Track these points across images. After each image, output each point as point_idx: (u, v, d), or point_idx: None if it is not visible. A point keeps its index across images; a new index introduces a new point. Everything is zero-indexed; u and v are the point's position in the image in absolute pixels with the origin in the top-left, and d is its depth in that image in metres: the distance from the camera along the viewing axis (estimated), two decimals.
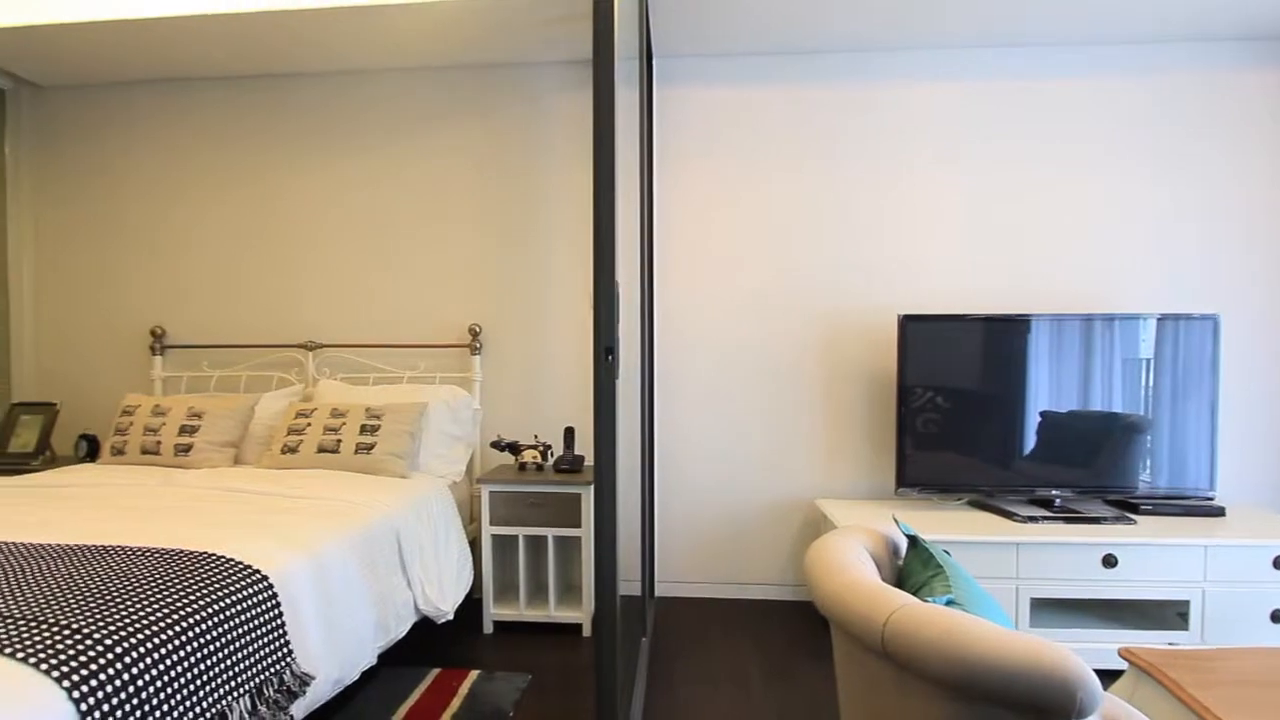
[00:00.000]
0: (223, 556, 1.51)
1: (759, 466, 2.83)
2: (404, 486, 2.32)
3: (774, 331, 2.82)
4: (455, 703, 1.98)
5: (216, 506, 1.98)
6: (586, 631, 2.48)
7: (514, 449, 2.58)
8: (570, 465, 2.53)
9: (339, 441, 2.45)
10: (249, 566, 1.51)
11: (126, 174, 3.11)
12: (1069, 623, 2.24)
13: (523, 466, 2.57)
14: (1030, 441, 2.47)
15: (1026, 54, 2.71)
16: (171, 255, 3.09)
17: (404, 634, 2.04)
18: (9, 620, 1.14)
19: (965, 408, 2.48)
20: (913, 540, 1.27)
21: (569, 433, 2.62)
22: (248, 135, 3.03)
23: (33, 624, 1.13)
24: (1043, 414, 2.46)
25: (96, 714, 1.05)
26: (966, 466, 2.48)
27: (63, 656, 1.07)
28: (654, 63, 2.82)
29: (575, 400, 2.87)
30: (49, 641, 1.09)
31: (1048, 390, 2.45)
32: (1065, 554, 2.17)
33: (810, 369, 2.81)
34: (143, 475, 2.37)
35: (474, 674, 2.15)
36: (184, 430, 2.58)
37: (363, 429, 2.47)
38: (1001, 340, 2.47)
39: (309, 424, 2.51)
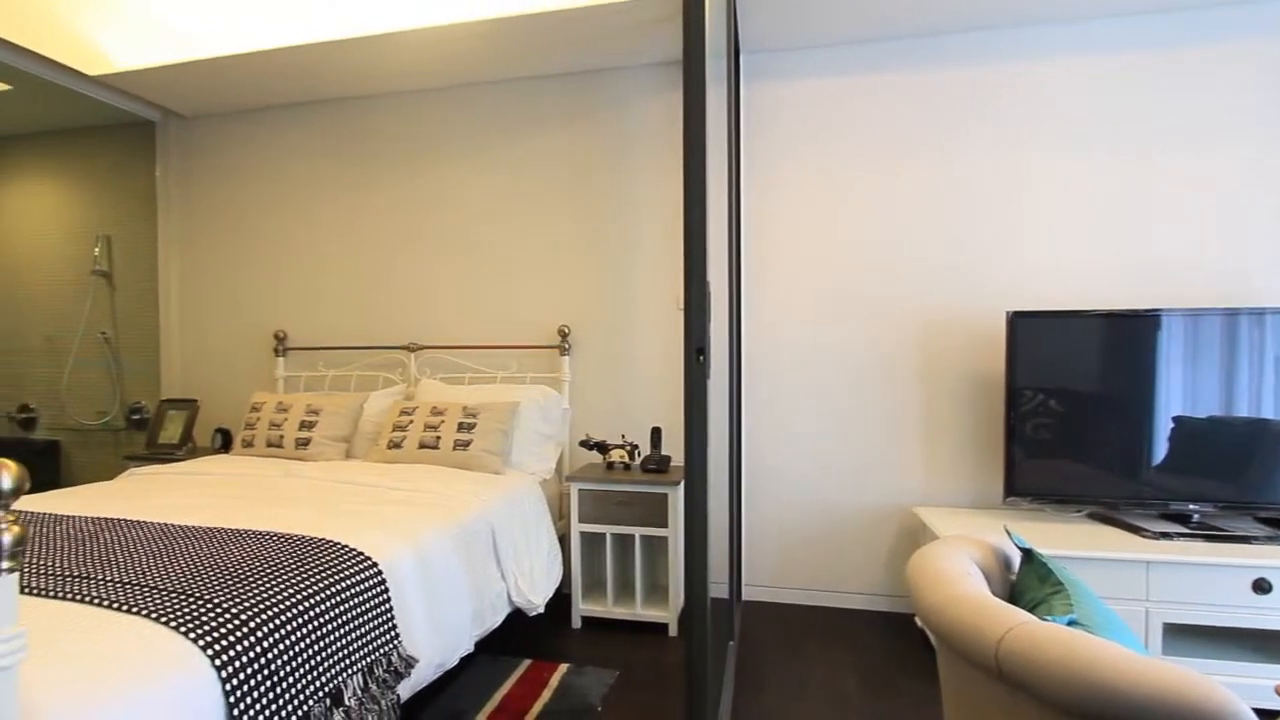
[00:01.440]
0: (339, 543, 1.63)
1: (852, 471, 2.73)
2: (498, 482, 2.41)
3: (868, 331, 2.71)
4: (546, 694, 2.04)
5: (331, 497, 2.13)
6: (673, 631, 2.48)
7: (602, 448, 2.63)
8: (657, 465, 2.54)
9: (438, 438, 2.58)
10: (361, 554, 1.61)
11: (254, 193, 3.42)
12: (1210, 652, 2.01)
13: (610, 465, 2.61)
14: (1161, 450, 2.24)
15: (1169, 20, 2.45)
16: (292, 265, 3.36)
17: (498, 624, 2.12)
18: (162, 592, 1.28)
19: (1083, 412, 2.28)
20: (1027, 554, 1.18)
21: (656, 433, 2.63)
22: (356, 152, 3.25)
23: (181, 597, 1.26)
24: (1176, 420, 2.23)
25: (234, 681, 1.16)
26: (1085, 476, 2.28)
27: (206, 627, 1.19)
28: (741, 59, 2.78)
29: (662, 400, 2.88)
30: (195, 613, 1.21)
31: (1181, 394, 2.22)
32: (1207, 576, 1.95)
33: (907, 370, 2.68)
34: (268, 466, 2.59)
35: (563, 667, 2.20)
36: (303, 425, 2.80)
37: (460, 426, 2.59)
38: (1126, 338, 2.25)
39: (411, 421, 2.66)
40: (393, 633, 1.58)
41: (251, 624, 1.24)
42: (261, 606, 1.29)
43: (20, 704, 0.88)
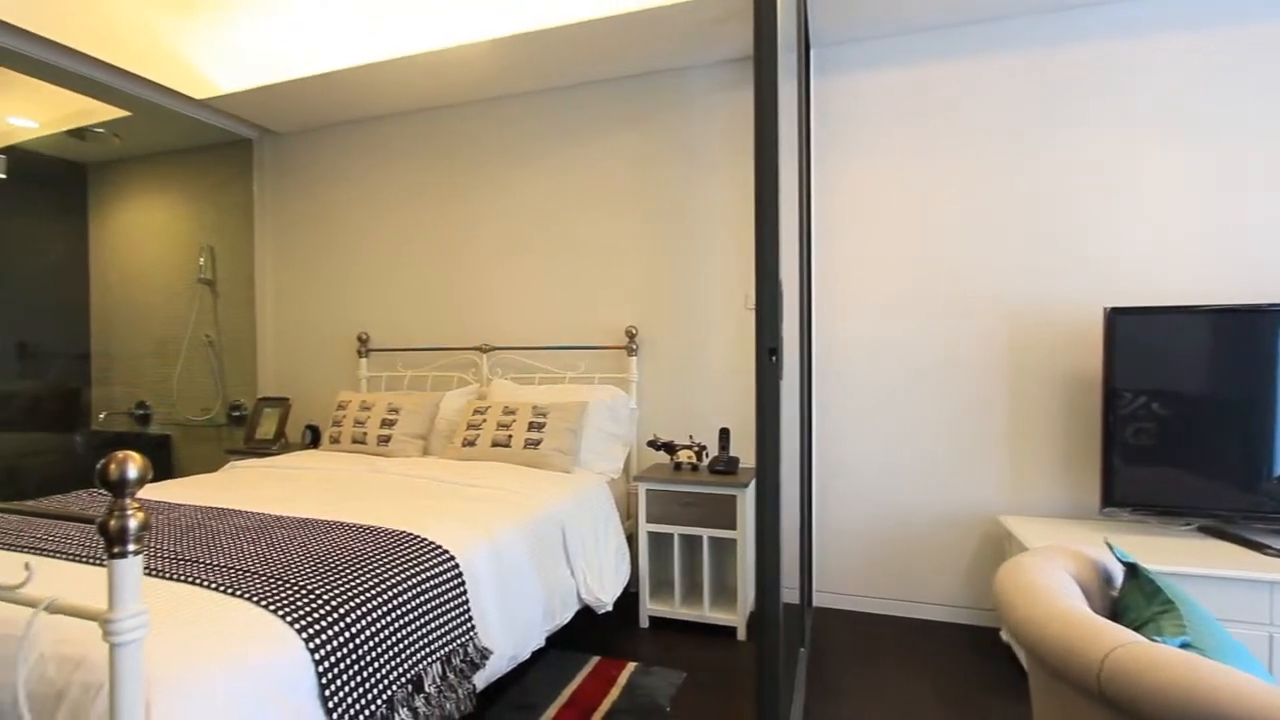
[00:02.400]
0: (419, 536, 1.69)
1: (930, 476, 2.62)
2: (567, 481, 2.45)
3: (947, 328, 2.59)
4: (615, 691, 2.05)
5: (411, 492, 2.23)
6: (741, 635, 2.45)
7: (670, 449, 2.62)
8: (726, 467, 2.52)
9: (510, 437, 2.65)
10: (440, 547, 1.68)
11: (339, 203, 3.62)
12: None
13: (678, 466, 2.61)
14: None
15: None
16: (374, 271, 3.54)
17: (568, 620, 2.15)
18: (261, 578, 1.37)
19: (1191, 416, 2.10)
20: (1132, 569, 1.10)
21: (724, 434, 2.61)
22: (432, 161, 3.39)
23: (278, 582, 1.35)
24: None
25: (326, 664, 1.23)
26: (1194, 485, 2.10)
27: (301, 612, 1.26)
28: (812, 53, 2.72)
29: (729, 401, 2.85)
30: (291, 598, 1.29)
31: None
32: None
33: (991, 370, 2.54)
34: (353, 462, 2.73)
35: (631, 665, 2.22)
36: (384, 424, 2.94)
37: (530, 425, 2.65)
38: (1243, 336, 2.06)
39: (484, 420, 2.75)
40: (469, 624, 1.64)
41: (341, 610, 1.31)
42: (350, 594, 1.37)
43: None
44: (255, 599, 1.26)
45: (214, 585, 1.31)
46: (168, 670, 1.02)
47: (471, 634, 1.63)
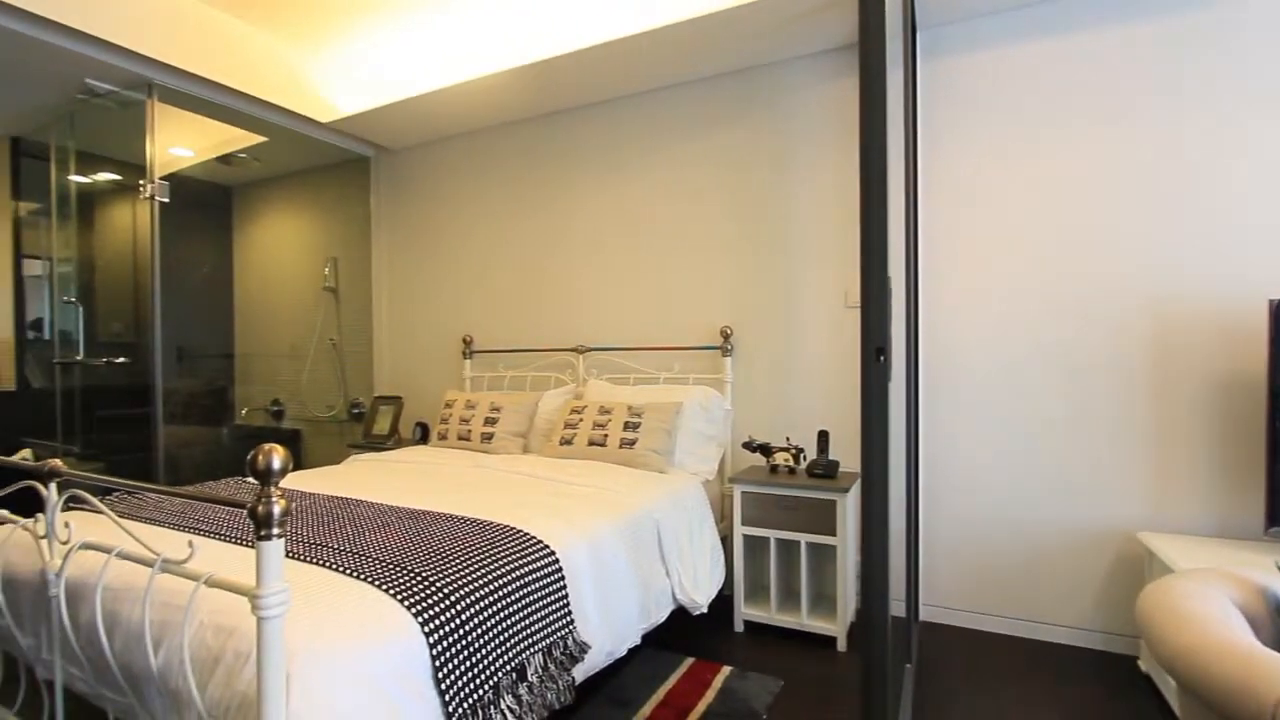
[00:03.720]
0: (522, 531, 1.76)
1: (1054, 487, 2.41)
2: (662, 481, 2.46)
3: (1074, 326, 2.38)
4: (709, 694, 2.04)
5: (513, 487, 2.32)
6: (841, 645, 2.36)
7: (765, 450, 2.58)
8: (825, 470, 2.44)
9: (605, 436, 2.70)
10: (541, 542, 1.73)
11: (446, 213, 3.83)
12: None
13: (774, 469, 2.55)
14: None
15: None
16: (477, 276, 3.72)
17: (663, 620, 2.16)
18: (380, 563, 1.46)
19: None
20: None
21: (823, 436, 2.52)
22: (527, 169, 3.51)
23: (395, 568, 1.44)
24: None
25: (439, 648, 1.30)
26: None
27: (417, 597, 1.34)
28: (919, 36, 2.58)
29: (828, 403, 2.76)
30: (408, 583, 1.37)
31: None
32: None
33: (1126, 370, 2.31)
34: (459, 457, 2.88)
35: (726, 669, 2.19)
36: (487, 422, 3.08)
37: (625, 425, 2.68)
38: None
39: (581, 419, 2.81)
40: (569, 618, 1.68)
41: (453, 597, 1.39)
42: (461, 583, 1.44)
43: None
44: (376, 583, 1.35)
45: (340, 568, 1.42)
46: (305, 644, 1.11)
47: (571, 627, 1.67)
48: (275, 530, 0.97)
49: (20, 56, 2.65)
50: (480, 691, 1.36)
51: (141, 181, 3.03)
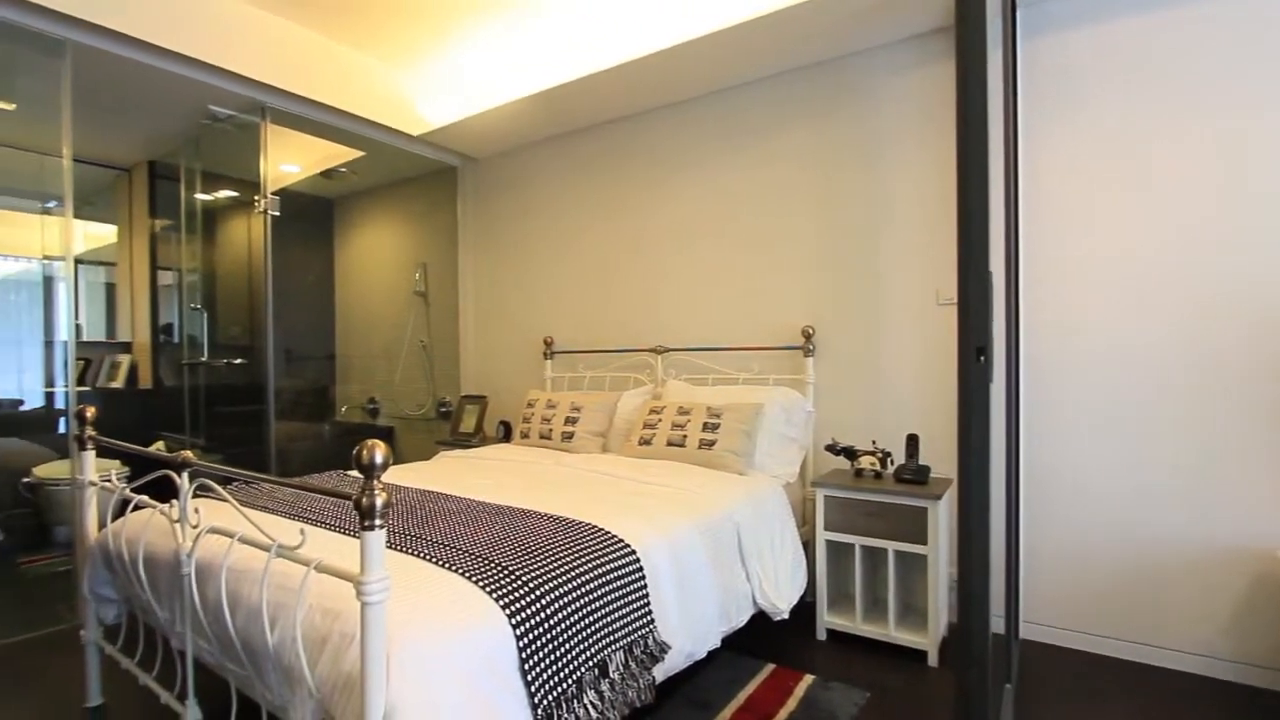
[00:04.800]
0: (603, 529, 1.78)
1: (1180, 498, 2.19)
2: (742, 483, 2.43)
3: (1204, 322, 2.16)
4: (791, 703, 1.99)
5: (593, 485, 2.35)
6: (932, 660, 2.25)
7: (850, 454, 2.49)
8: (915, 476, 2.33)
9: (684, 437, 2.69)
10: (622, 540, 1.75)
11: (527, 218, 3.94)
12: None
13: (859, 473, 2.46)
14: None
15: None
16: (558, 278, 3.80)
17: (743, 624, 2.13)
18: (470, 556, 1.52)
19: None
20: None
21: (912, 440, 2.41)
22: (610, 171, 3.56)
23: (484, 561, 1.49)
24: None
25: (525, 640, 1.34)
26: None
27: (505, 588, 1.38)
28: (1019, 13, 2.42)
29: (916, 405, 2.63)
30: (496, 576, 1.42)
31: None
32: None
33: (1264, 375, 2.07)
34: (541, 455, 2.95)
35: (809, 678, 2.14)
36: (568, 421, 3.14)
37: (704, 426, 2.67)
38: None
39: (660, 420, 2.82)
40: (649, 617, 1.68)
41: (538, 591, 1.42)
42: (545, 577, 1.47)
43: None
44: (466, 574, 1.41)
45: (433, 559, 1.49)
46: (403, 630, 1.17)
47: (651, 627, 1.68)
48: (378, 521, 1.03)
49: (158, 88, 2.95)
50: (565, 685, 1.38)
51: (256, 197, 3.30)
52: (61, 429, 3.46)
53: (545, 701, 1.33)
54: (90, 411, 1.95)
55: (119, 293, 4.32)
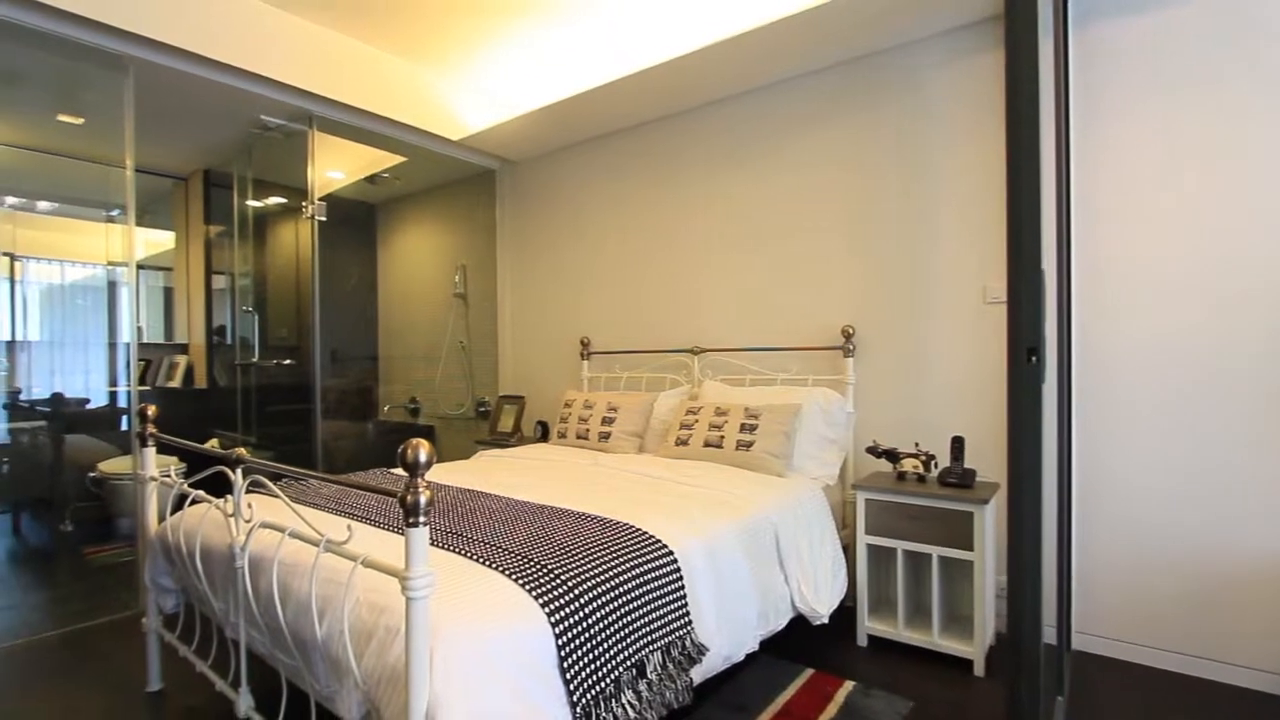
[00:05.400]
0: (640, 529, 1.78)
1: (1245, 508, 2.08)
2: (780, 484, 2.40)
3: (1270, 321, 2.05)
4: (831, 709, 1.96)
5: (630, 486, 2.36)
6: (978, 670, 2.18)
7: (892, 456, 2.44)
8: (960, 479, 2.27)
9: (722, 438, 2.67)
10: (659, 541, 1.74)
11: (564, 220, 3.98)
12: None
13: (902, 476, 2.41)
14: None
15: None
16: (594, 280, 3.82)
17: (781, 627, 2.11)
18: (509, 553, 1.54)
19: None
20: None
21: (957, 442, 2.35)
22: (643, 172, 3.56)
23: (523, 559, 1.51)
24: None
25: (564, 638, 1.35)
26: None
27: (544, 587, 1.40)
28: (1070, 1, 2.34)
29: (960, 406, 2.56)
30: (535, 575, 1.43)
31: None
32: None
33: None
34: (578, 455, 2.97)
35: (849, 684, 2.10)
36: (604, 421, 3.16)
37: (742, 427, 2.65)
38: None
39: (696, 420, 2.81)
40: (687, 619, 1.68)
41: (576, 590, 1.43)
42: (583, 576, 1.48)
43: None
44: (506, 572, 1.42)
45: (473, 556, 1.51)
46: (446, 625, 1.19)
47: (689, 628, 1.67)
48: (422, 518, 1.05)
49: (213, 99, 3.08)
50: (603, 684, 1.39)
51: (304, 203, 3.41)
52: (124, 426, 3.64)
53: (584, 700, 1.33)
54: (151, 410, 2.04)
55: (176, 296, 4.51)
